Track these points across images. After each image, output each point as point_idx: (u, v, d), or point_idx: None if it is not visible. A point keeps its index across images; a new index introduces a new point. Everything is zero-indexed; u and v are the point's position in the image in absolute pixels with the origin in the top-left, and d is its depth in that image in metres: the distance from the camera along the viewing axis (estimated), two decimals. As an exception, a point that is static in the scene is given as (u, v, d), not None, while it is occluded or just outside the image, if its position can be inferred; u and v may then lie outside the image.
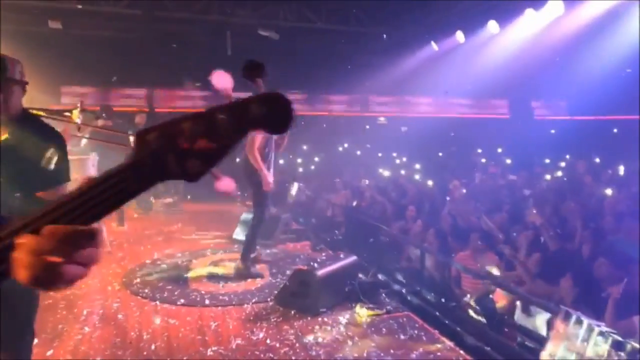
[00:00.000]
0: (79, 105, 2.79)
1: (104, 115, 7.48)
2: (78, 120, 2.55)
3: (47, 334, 3.84)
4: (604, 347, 2.99)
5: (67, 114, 2.32)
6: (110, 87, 11.51)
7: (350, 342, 3.96)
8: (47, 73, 8.15)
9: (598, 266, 4.13)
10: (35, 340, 3.63)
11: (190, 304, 4.70)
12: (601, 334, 3.04)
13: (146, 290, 4.99)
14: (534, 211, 5.44)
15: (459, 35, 9.80)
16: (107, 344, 3.74)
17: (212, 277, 5.50)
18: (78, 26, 9.64)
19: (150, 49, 10.72)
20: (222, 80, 2.52)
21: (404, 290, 5.11)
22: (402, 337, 4.09)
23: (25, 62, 3.61)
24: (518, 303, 4.43)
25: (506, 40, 9.45)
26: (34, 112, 2.35)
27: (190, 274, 5.58)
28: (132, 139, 3.89)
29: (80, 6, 8.76)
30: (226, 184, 2.71)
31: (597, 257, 4.22)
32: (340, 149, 14.11)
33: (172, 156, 0.79)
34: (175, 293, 4.96)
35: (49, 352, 3.50)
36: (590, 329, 3.10)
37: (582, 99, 13.26)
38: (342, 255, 5.41)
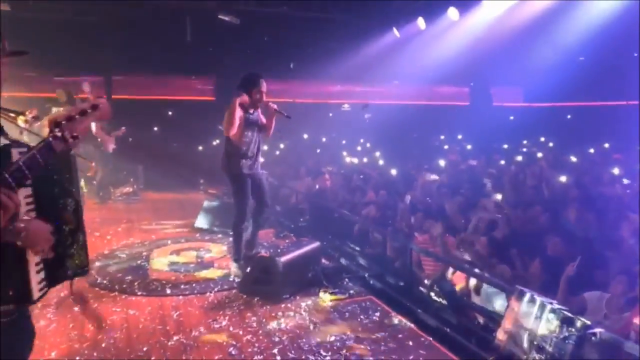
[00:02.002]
0: (28, 113, 2.62)
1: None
2: (22, 125, 2.40)
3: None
4: (555, 324, 3.12)
5: (12, 114, 2.16)
6: (65, 73, 11.06)
7: (313, 327, 3.99)
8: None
9: (553, 245, 4.29)
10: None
11: (151, 294, 4.62)
12: (552, 311, 3.17)
13: (105, 282, 4.87)
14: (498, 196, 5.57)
15: (420, 22, 9.87)
16: (62, 338, 3.64)
17: (174, 267, 5.41)
18: (28, 9, 9.19)
19: (107, 34, 10.36)
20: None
21: (366, 275, 5.18)
22: (364, 320, 4.14)
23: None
24: (474, 285, 4.56)
25: (466, 27, 9.58)
26: None
27: (151, 264, 5.48)
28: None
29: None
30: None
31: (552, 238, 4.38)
32: (305, 136, 14.09)
33: None
34: (135, 284, 4.86)
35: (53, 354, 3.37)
36: (542, 306, 3.22)
37: (538, 86, 13.69)
38: (305, 241, 5.41)
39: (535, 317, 3.21)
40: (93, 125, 6.89)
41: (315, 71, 12.33)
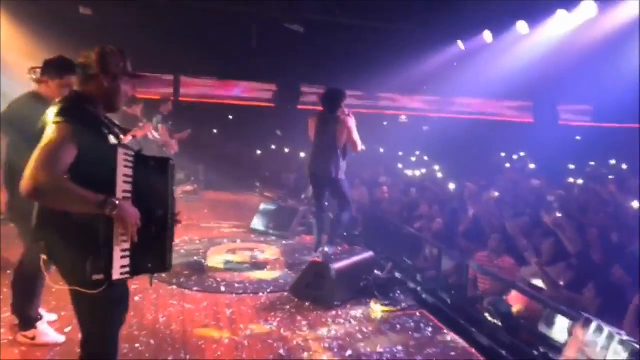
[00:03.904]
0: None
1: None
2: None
3: (67, 312, 3.91)
4: (623, 356, 2.94)
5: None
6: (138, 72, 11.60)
7: (363, 337, 3.95)
8: (77, 58, 8.25)
9: (614, 273, 4.06)
10: (55, 317, 3.74)
11: (206, 290, 4.74)
12: (621, 342, 2.99)
13: (163, 275, 5.04)
14: (558, 214, 5.35)
15: (487, 35, 9.66)
16: (124, 325, 3.79)
17: (229, 265, 5.54)
18: (108, 12, 9.78)
19: (177, 38, 10.82)
20: None
21: (419, 289, 5.09)
22: (415, 334, 4.06)
23: (57, 48, 3.68)
24: (535, 308, 4.38)
25: (535, 41, 9.28)
26: None
27: (207, 261, 5.64)
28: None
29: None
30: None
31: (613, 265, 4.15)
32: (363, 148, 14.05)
33: None
34: (192, 279, 5.01)
35: (68, 329, 3.56)
36: (610, 337, 3.04)
37: (609, 106, 12.99)
38: (358, 250, 5.39)
39: (601, 347, 3.04)
40: (158, 129, 7.22)
41: (375, 81, 12.33)
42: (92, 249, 2.03)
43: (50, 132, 2.02)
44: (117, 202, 2.01)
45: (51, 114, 2.09)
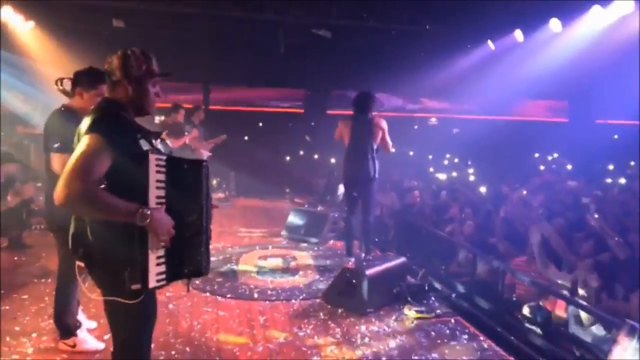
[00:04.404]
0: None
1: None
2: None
3: (106, 319, 3.99)
4: (672, 365, 2.80)
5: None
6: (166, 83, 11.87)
7: (397, 344, 3.90)
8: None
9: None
10: (95, 324, 3.82)
11: (239, 297, 4.78)
12: (670, 351, 2.85)
13: (197, 282, 5.10)
14: (596, 215, 5.17)
15: (518, 34, 9.45)
16: (160, 332, 3.85)
17: (261, 272, 5.57)
18: (139, 25, 10.02)
19: (206, 47, 10.99)
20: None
21: (453, 295, 5.00)
22: (451, 342, 3.99)
23: (91, 59, 3.77)
24: (574, 314, 4.23)
25: (568, 39, 9.01)
26: None
27: (240, 268, 5.68)
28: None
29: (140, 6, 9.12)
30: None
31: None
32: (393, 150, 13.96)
33: None
34: (225, 286, 5.05)
35: (107, 336, 3.64)
36: (657, 345, 2.91)
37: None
38: (391, 256, 5.33)
39: (648, 356, 2.91)
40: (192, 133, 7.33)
41: (403, 84, 12.22)
42: (129, 258, 2.05)
43: (83, 142, 2.04)
44: (149, 212, 2.01)
45: (84, 125, 2.12)
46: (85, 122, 2.13)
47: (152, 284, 2.06)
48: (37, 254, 5.81)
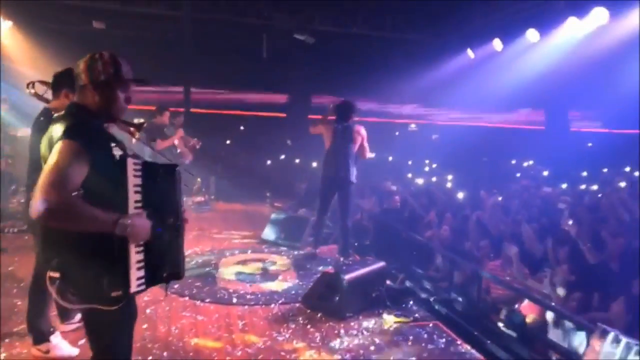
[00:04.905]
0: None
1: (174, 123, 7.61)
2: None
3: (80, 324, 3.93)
4: (642, 368, 2.89)
5: (131, 129, 2.40)
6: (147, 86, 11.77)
7: (376, 349, 3.93)
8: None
9: (634, 288, 3.99)
10: (73, 327, 3.76)
11: (218, 302, 4.75)
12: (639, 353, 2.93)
13: (175, 286, 5.06)
14: (570, 222, 5.29)
15: (497, 43, 9.64)
16: (137, 337, 3.77)
17: (240, 276, 5.54)
18: (120, 26, 9.93)
19: (188, 50, 10.95)
20: None
21: (432, 299, 5.05)
22: (429, 346, 4.03)
23: (70, 61, 3.73)
24: (550, 318, 4.32)
25: (545, 49, 9.23)
26: None
27: (219, 272, 5.64)
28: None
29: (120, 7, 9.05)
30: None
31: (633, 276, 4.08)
32: (372, 155, 14.06)
33: None
34: (204, 290, 5.02)
35: (81, 342, 3.58)
36: (628, 348, 2.99)
37: (621, 112, 12.86)
38: (370, 261, 5.36)
39: (619, 359, 2.99)
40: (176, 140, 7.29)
41: (385, 90, 12.35)
42: (108, 264, 2.00)
43: (57, 150, 1.95)
44: (129, 222, 1.97)
45: (58, 131, 2.03)
46: (58, 128, 2.04)
47: (133, 289, 2.03)
48: (10, 258, 5.68)
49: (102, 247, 2.00)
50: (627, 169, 12.68)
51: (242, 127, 13.81)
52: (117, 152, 2.10)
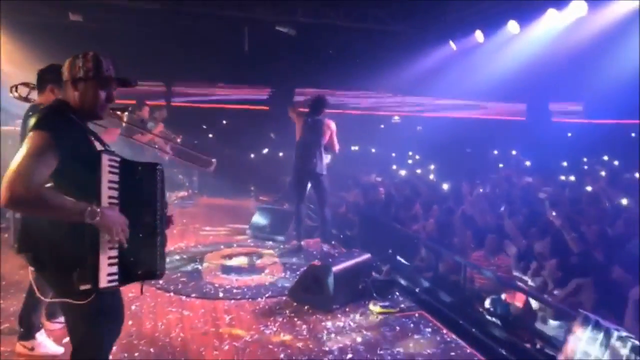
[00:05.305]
0: (130, 108, 2.88)
1: (155, 116, 7.54)
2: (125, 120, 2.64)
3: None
4: (622, 352, 2.95)
5: (118, 112, 2.40)
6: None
7: (363, 340, 3.96)
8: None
9: (614, 273, 4.08)
10: (59, 326, 3.71)
11: (204, 296, 4.73)
12: (620, 338, 3.00)
13: (161, 282, 5.01)
14: (554, 213, 5.38)
15: (478, 35, 9.69)
16: (122, 333, 3.73)
17: (226, 271, 5.52)
18: (98, 19, 9.73)
19: (168, 43, 10.79)
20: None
21: (417, 290, 5.10)
22: (415, 335, 4.08)
23: (46, 54, 3.67)
24: (533, 306, 4.40)
25: (526, 40, 9.31)
26: None
27: (204, 267, 5.62)
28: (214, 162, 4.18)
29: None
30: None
31: (614, 263, 4.18)
32: (355, 148, 14.09)
33: None
34: (190, 285, 4.99)
35: (66, 339, 3.53)
36: (608, 334, 3.06)
37: (600, 102, 13.09)
38: (356, 253, 5.39)
39: (600, 344, 3.06)
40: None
41: (368, 82, 12.35)
42: (79, 258, 1.99)
43: (28, 140, 1.96)
44: (99, 210, 1.96)
45: (32, 122, 2.05)
46: (32, 119, 2.07)
47: (103, 284, 1.99)
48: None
49: (74, 239, 1.99)
50: (605, 157, 12.93)
51: (224, 121, 13.70)
52: (93, 147, 2.11)
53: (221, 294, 4.80)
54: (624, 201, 7.05)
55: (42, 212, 1.96)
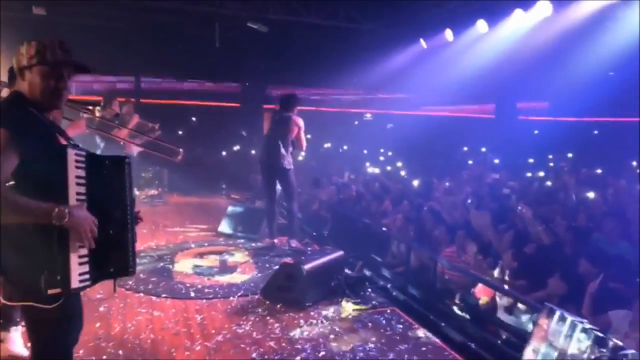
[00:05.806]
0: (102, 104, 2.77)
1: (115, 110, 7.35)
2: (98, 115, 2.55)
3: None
4: (586, 344, 3.05)
5: (89, 107, 2.31)
6: (95, 75, 11.32)
7: (335, 337, 3.97)
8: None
9: (581, 267, 4.21)
10: (20, 330, 3.60)
11: (175, 297, 4.66)
12: (584, 330, 3.10)
13: (130, 282, 4.93)
14: (522, 209, 5.51)
15: (448, 34, 9.83)
16: (90, 336, 3.68)
17: (197, 270, 5.46)
18: (63, 13, 9.44)
19: (138, 38, 10.57)
20: None
21: (389, 286, 5.15)
22: (387, 332, 4.11)
23: (9, 49, 3.54)
24: (500, 300, 4.50)
25: (494, 40, 9.50)
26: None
27: (175, 267, 5.54)
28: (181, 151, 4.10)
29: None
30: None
31: (579, 255, 4.31)
32: (327, 145, 14.14)
33: None
34: (160, 285, 4.91)
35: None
36: (573, 326, 3.15)
37: (565, 101, 13.45)
38: (328, 250, 5.41)
39: (565, 336, 3.15)
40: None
41: (339, 80, 12.38)
42: (46, 260, 1.89)
43: None
44: (67, 211, 1.86)
45: None
46: None
47: (74, 284, 1.92)
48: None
49: (41, 241, 1.90)
50: (569, 155, 13.33)
51: (194, 118, 13.53)
52: (57, 142, 2.01)
53: (192, 294, 4.75)
54: (591, 194, 7.27)
55: (5, 215, 1.82)
